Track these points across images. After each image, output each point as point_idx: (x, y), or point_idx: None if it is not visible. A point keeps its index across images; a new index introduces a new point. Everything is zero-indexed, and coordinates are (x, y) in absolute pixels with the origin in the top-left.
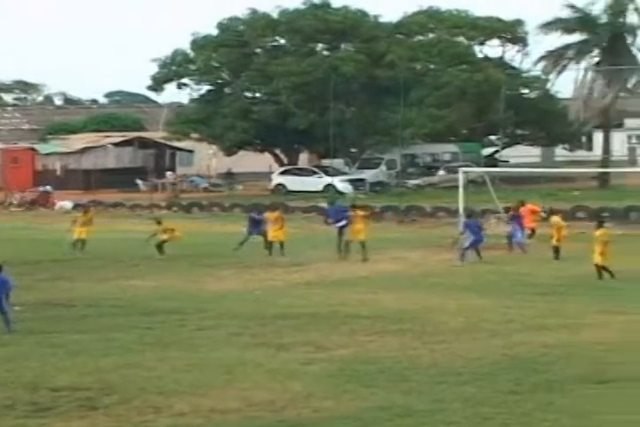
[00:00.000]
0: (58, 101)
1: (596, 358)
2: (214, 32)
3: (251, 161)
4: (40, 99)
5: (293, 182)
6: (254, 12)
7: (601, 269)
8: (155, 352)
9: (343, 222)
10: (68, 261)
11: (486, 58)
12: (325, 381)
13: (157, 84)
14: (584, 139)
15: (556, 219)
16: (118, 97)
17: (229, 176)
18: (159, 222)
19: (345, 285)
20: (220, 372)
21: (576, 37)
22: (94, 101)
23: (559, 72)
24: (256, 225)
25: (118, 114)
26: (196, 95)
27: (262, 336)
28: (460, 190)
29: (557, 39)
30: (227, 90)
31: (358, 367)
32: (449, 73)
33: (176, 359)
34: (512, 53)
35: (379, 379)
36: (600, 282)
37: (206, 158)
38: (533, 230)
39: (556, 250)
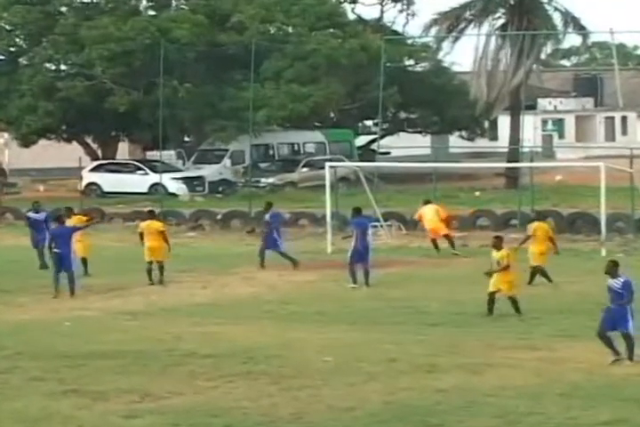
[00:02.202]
0: None
1: (504, 407)
2: None
3: (55, 153)
4: None
5: (110, 181)
6: None
7: (538, 272)
8: None
9: None
10: None
11: (360, 19)
12: None
13: None
14: (486, 124)
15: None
16: None
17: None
18: None
19: (180, 314)
20: None
21: None
22: None
23: (455, 39)
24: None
25: None
26: None
27: (73, 382)
28: (328, 191)
29: None
30: (23, 60)
31: (198, 421)
32: (314, 38)
33: None
34: (393, 14)
35: None
36: (507, 309)
37: None
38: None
39: (542, 273)
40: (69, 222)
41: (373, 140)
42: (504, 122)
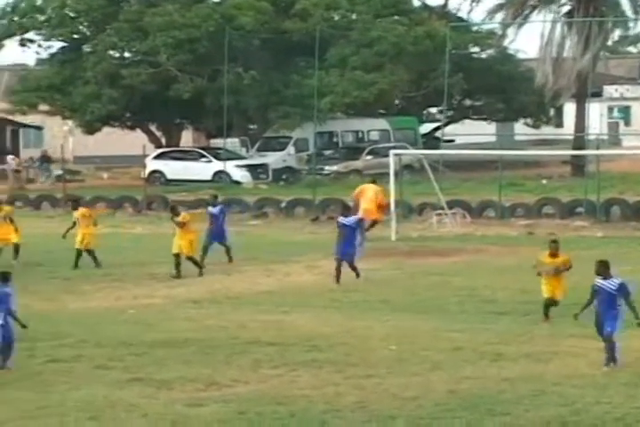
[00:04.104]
0: None
1: (570, 397)
2: None
3: (120, 141)
4: None
5: (174, 169)
6: None
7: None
8: None
9: None
10: None
11: (426, 6)
12: None
13: None
14: (552, 112)
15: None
16: None
17: (45, 161)
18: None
19: (245, 302)
20: (83, 417)
21: None
22: None
23: (520, 25)
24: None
25: None
26: (45, 55)
27: (138, 370)
28: (392, 179)
29: None
30: (87, 48)
31: (263, 410)
32: (379, 26)
33: (23, 401)
34: (458, 1)
35: (289, 425)
36: (577, 299)
37: (60, 137)
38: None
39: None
40: (75, 214)
41: (437, 128)
42: (570, 109)
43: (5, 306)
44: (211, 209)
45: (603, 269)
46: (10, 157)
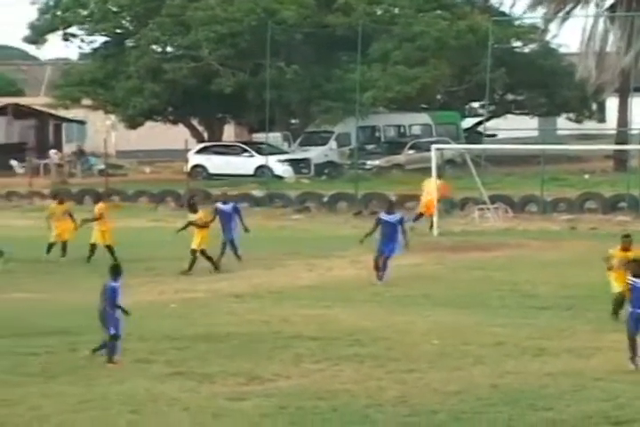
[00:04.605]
0: None
1: (612, 391)
2: None
3: (162, 135)
4: None
5: (216, 163)
6: None
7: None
8: (39, 385)
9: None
10: None
11: (468, 1)
12: (261, 422)
13: (38, 34)
14: (594, 106)
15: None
16: None
17: (81, 155)
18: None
19: (286, 297)
20: (125, 411)
21: None
22: None
23: (563, 20)
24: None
25: None
26: (88, 49)
27: (180, 364)
28: (434, 173)
29: None
30: (129, 42)
31: (304, 404)
32: (422, 20)
33: (67, 395)
34: None
35: (331, 419)
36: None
37: (103, 132)
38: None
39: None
40: (96, 209)
41: (480, 123)
42: (612, 104)
43: (109, 300)
44: (221, 206)
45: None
46: (52, 152)
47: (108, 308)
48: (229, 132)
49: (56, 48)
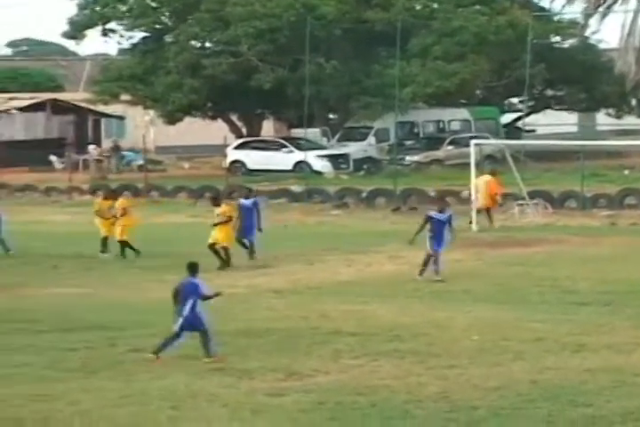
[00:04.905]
0: None
1: None
2: None
3: (201, 131)
4: None
5: (255, 159)
6: None
7: None
8: (79, 381)
9: None
10: None
11: None
12: (300, 417)
13: (77, 29)
14: (634, 102)
15: None
16: (26, 47)
17: (116, 150)
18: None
19: (325, 292)
20: (164, 406)
21: None
22: None
23: (603, 15)
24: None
25: (27, 69)
26: (127, 45)
27: (219, 360)
28: (473, 169)
29: None
30: (168, 38)
31: (343, 400)
32: (461, 16)
33: (106, 390)
34: None
35: (371, 415)
36: None
37: (142, 127)
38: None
39: None
40: (116, 205)
41: (519, 118)
42: None
43: (194, 297)
44: (243, 201)
45: None
46: (91, 147)
47: (190, 305)
48: (268, 128)
49: (95, 43)
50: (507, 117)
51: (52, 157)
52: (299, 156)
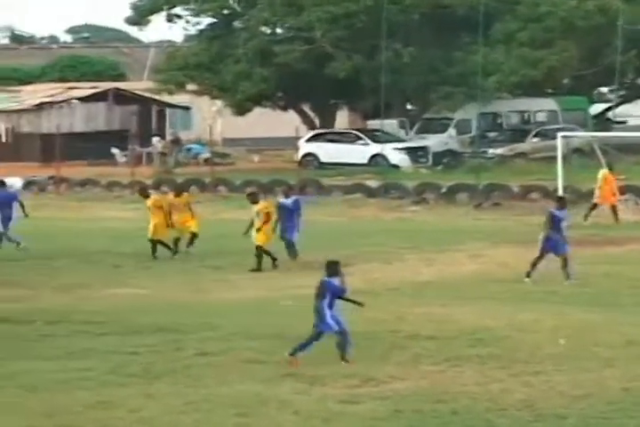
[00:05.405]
0: (2, 39)
1: None
2: None
3: (271, 122)
4: None
5: (328, 152)
6: None
7: None
8: (141, 386)
9: None
10: (20, 260)
11: None
12: (375, 426)
13: (140, 15)
14: None
15: None
16: (87, 33)
17: (176, 144)
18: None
19: (403, 293)
20: (231, 414)
21: None
22: (54, 39)
23: None
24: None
25: (88, 57)
26: (193, 31)
27: (290, 364)
28: (559, 163)
29: None
30: (237, 23)
31: (422, 407)
32: (549, 0)
33: (170, 396)
34: None
35: (451, 423)
36: None
37: (209, 118)
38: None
39: None
40: (148, 203)
41: (609, 109)
42: None
43: (331, 296)
44: (283, 200)
45: None
46: (155, 139)
47: (326, 305)
48: (342, 119)
49: (160, 30)
50: (596, 108)
51: (114, 150)
52: (375, 148)
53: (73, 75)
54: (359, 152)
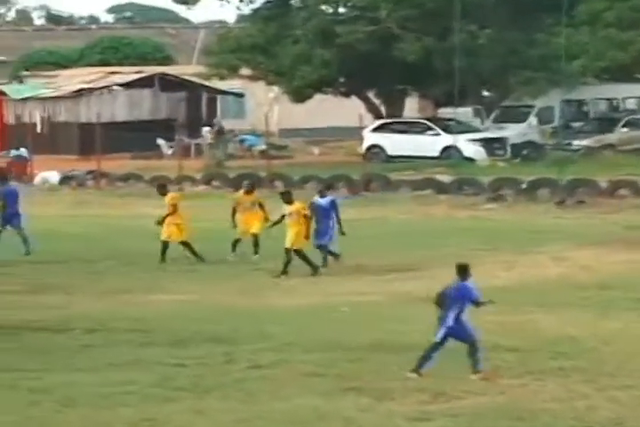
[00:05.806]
0: (38, 20)
1: None
2: None
3: (332, 110)
4: (11, 16)
5: (396, 143)
6: None
7: None
8: (189, 402)
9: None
10: (59, 263)
11: None
12: None
13: None
14: None
15: None
16: (129, 13)
17: (220, 135)
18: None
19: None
20: None
21: None
22: (93, 19)
23: None
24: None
25: (130, 38)
26: (247, 10)
27: (353, 378)
28: None
29: None
30: (295, 2)
31: (499, 425)
32: None
33: (221, 413)
34: None
35: None
36: None
37: (264, 106)
38: None
39: None
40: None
41: None
42: None
43: (463, 302)
44: (318, 200)
45: None
46: (205, 130)
47: (455, 313)
48: (411, 107)
49: (210, 9)
50: None
51: (160, 142)
52: (447, 140)
53: (114, 58)
54: (430, 144)
